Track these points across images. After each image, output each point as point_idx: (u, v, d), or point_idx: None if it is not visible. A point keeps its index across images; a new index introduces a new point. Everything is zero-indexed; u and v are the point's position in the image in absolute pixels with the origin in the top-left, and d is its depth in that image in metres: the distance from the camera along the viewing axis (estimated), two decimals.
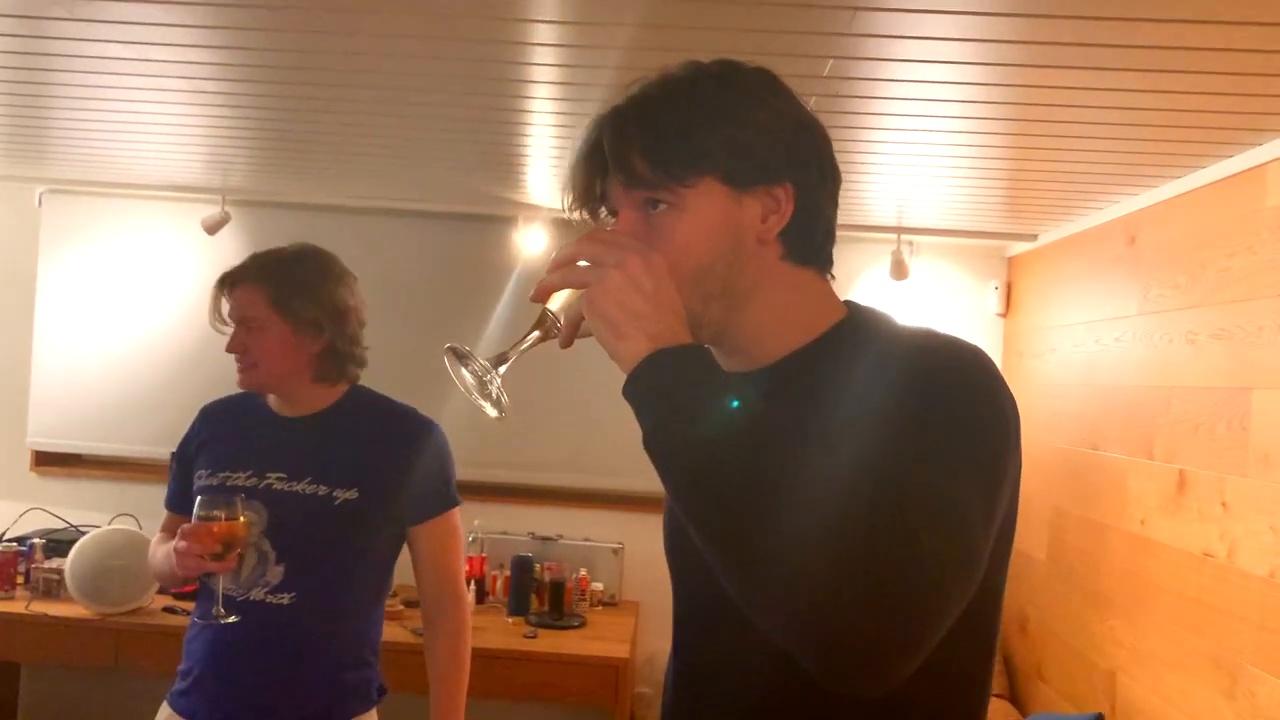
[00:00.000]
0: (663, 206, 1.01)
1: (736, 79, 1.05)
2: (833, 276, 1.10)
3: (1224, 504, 2.36)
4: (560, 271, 0.95)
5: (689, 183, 1.00)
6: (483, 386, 1.00)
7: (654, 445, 0.88)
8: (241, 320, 1.99)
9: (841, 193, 1.10)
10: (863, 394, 0.97)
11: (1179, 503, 2.57)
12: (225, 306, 2.02)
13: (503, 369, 1.00)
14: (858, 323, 1.09)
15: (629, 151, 1.01)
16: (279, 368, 2.00)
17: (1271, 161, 2.27)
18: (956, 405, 0.94)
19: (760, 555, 0.82)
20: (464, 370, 1.00)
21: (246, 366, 1.99)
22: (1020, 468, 0.99)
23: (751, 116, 1.03)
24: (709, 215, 1.01)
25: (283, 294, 1.99)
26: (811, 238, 1.06)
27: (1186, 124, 2.21)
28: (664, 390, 0.88)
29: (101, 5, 1.85)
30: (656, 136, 1.01)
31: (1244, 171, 2.38)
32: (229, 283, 2.01)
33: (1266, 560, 2.19)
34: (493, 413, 1.00)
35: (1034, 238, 3.67)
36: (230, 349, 2.00)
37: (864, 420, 0.93)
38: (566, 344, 0.99)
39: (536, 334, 1.00)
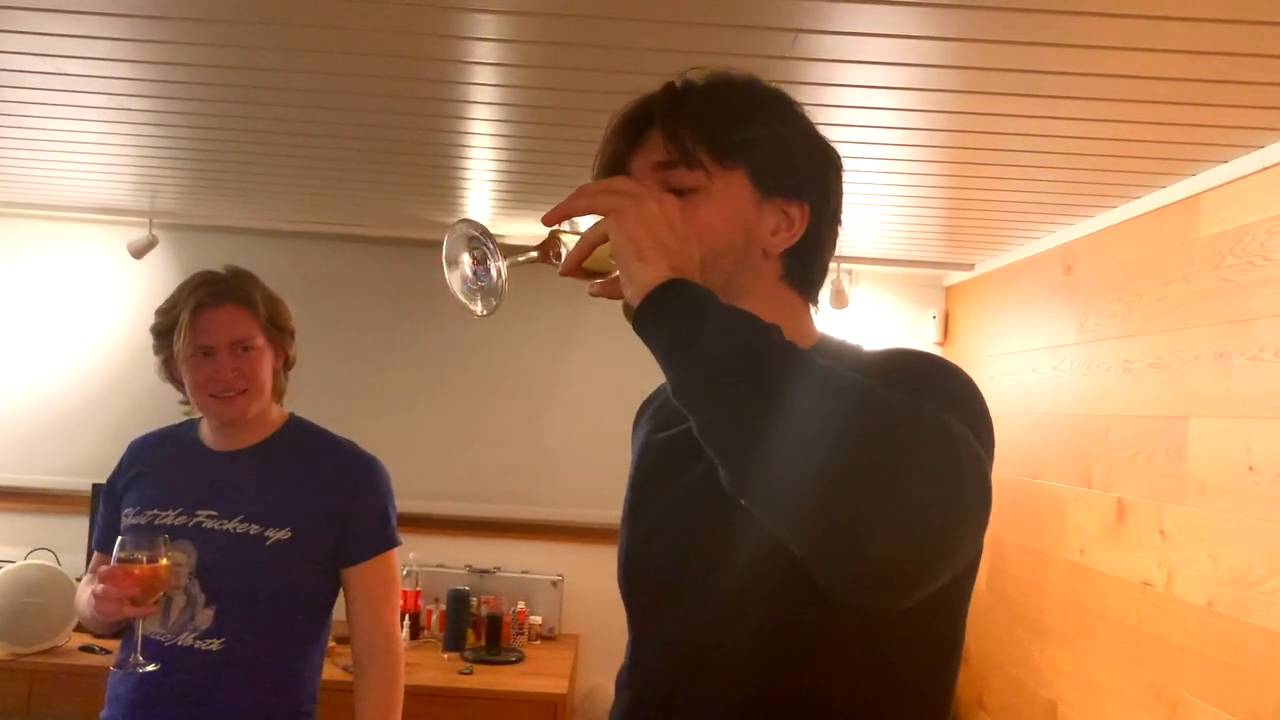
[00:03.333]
0: (688, 193, 1.04)
1: (790, 99, 1.11)
2: (816, 312, 1.15)
3: (1162, 532, 2.37)
4: (589, 198, 0.95)
5: (726, 164, 1.04)
6: (479, 275, 0.97)
7: (674, 358, 0.88)
8: (234, 343, 1.88)
9: None
10: None
11: (1118, 531, 2.58)
12: (191, 332, 1.86)
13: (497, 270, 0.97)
14: (835, 343, 1.13)
15: (679, 121, 1.04)
16: (265, 392, 1.93)
17: (1204, 192, 2.30)
18: (948, 384, 0.98)
19: (794, 438, 0.81)
20: (465, 254, 0.96)
21: (237, 393, 1.88)
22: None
23: (798, 128, 1.09)
24: (731, 205, 1.05)
25: (270, 312, 1.93)
26: (810, 268, 1.11)
27: (1121, 154, 2.23)
28: (682, 311, 0.88)
29: (9, 15, 1.77)
30: (710, 113, 1.05)
31: (1177, 202, 2.41)
32: (209, 303, 1.88)
33: (1205, 589, 2.19)
34: (480, 310, 0.97)
35: (971, 267, 3.70)
36: (221, 377, 1.87)
37: None
38: (568, 270, 0.98)
39: (534, 254, 0.99)
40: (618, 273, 0.94)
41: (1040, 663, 2.97)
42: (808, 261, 1.10)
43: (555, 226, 0.98)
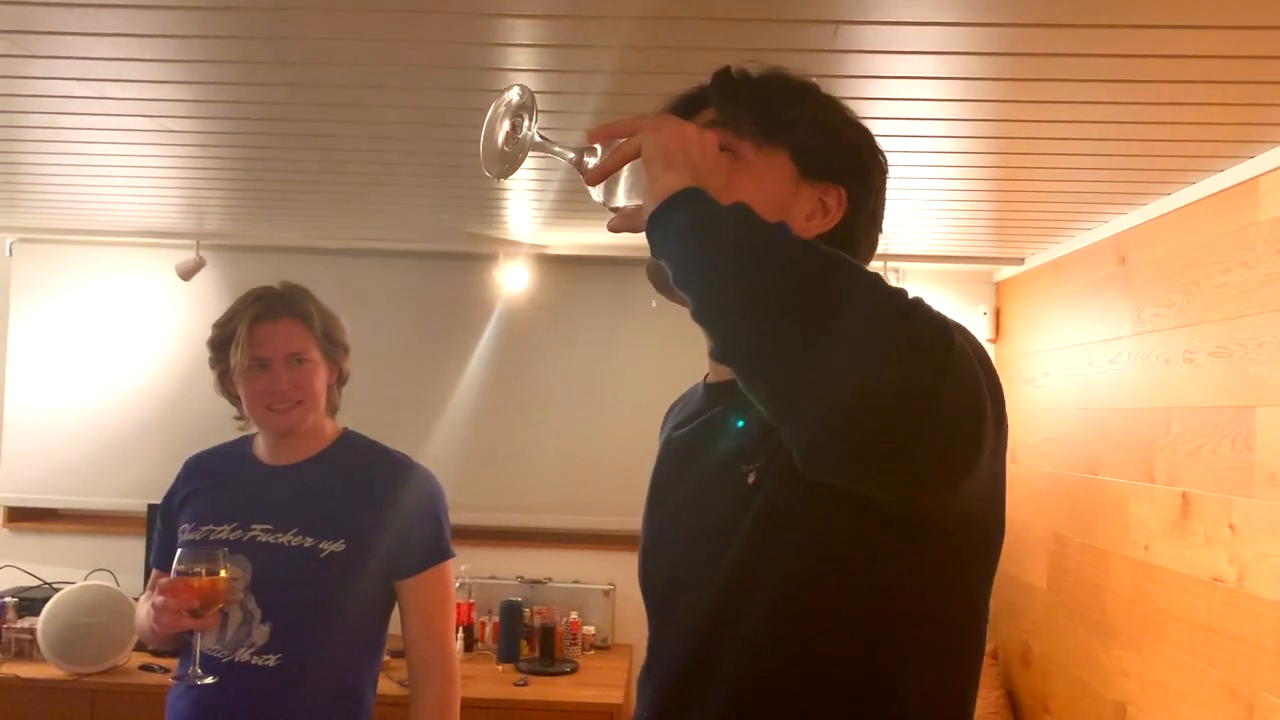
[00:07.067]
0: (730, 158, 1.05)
1: (844, 103, 1.14)
2: None
3: (1231, 526, 2.30)
4: (637, 118, 0.99)
5: (772, 140, 1.06)
6: (508, 142, 1.01)
7: (681, 245, 0.89)
8: (290, 355, 1.90)
9: None
10: None
11: (1184, 526, 2.50)
12: (248, 344, 1.89)
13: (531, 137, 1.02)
14: None
15: (733, 94, 1.08)
16: (319, 405, 1.95)
17: (1265, 174, 2.23)
18: (969, 333, 0.96)
19: (791, 305, 0.83)
20: (507, 121, 1.01)
21: (292, 405, 1.90)
22: (1005, 452, 0.99)
23: (847, 121, 1.12)
24: (769, 181, 1.06)
25: (325, 327, 1.96)
26: None
27: (1175, 138, 2.17)
28: (698, 209, 0.89)
29: (53, 40, 1.78)
30: (764, 90, 1.09)
31: (1236, 185, 2.33)
32: (266, 316, 1.90)
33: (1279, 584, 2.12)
34: (496, 171, 1.03)
35: (1021, 261, 3.63)
36: (278, 389, 1.88)
37: None
38: (595, 178, 1.00)
39: (571, 155, 1.04)
40: (639, 203, 0.95)
41: (1107, 664, 2.89)
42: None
43: (597, 144, 1.01)
